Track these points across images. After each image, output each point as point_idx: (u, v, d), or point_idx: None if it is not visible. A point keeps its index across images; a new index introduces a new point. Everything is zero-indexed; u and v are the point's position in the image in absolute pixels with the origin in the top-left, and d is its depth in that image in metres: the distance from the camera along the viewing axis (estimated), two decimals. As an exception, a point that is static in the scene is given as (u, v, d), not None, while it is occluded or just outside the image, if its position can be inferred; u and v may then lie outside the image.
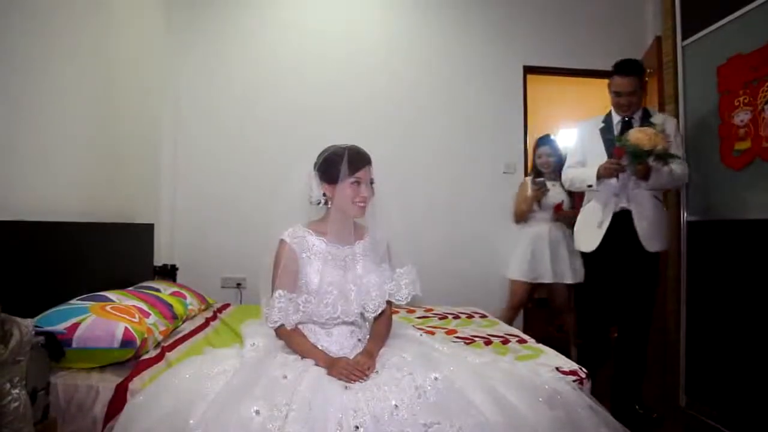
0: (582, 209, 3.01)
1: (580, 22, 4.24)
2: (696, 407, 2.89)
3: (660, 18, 3.46)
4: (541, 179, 3.52)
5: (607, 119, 2.89)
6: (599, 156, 2.79)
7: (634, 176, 2.67)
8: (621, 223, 2.73)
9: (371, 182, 1.81)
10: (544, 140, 3.66)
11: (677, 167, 2.65)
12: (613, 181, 2.73)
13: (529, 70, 4.21)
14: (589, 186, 2.80)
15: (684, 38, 3.08)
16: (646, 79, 2.95)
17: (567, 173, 2.99)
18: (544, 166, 3.59)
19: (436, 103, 4.10)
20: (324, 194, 1.81)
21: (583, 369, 1.90)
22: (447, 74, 4.13)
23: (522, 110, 4.17)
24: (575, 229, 3.02)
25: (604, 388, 2.76)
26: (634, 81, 2.74)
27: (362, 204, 1.79)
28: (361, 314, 1.84)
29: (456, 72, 4.13)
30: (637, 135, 2.51)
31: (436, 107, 4.10)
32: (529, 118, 4.27)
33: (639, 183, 2.69)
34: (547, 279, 3.51)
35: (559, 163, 3.42)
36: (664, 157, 2.54)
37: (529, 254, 3.56)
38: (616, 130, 2.81)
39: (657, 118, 2.76)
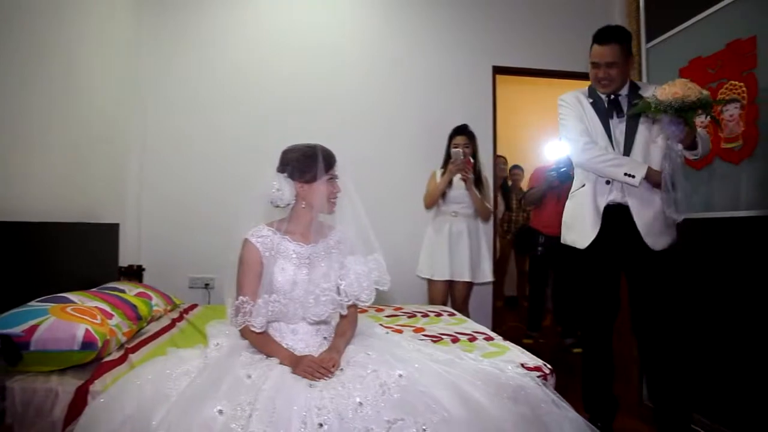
0: (570, 196, 2.58)
1: (549, 24, 4.29)
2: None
3: (626, 20, 3.54)
4: (458, 149, 3.39)
5: (594, 94, 2.46)
6: (600, 135, 2.39)
7: (680, 146, 2.12)
8: (618, 217, 2.34)
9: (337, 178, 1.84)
10: (461, 129, 3.54)
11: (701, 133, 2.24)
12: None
13: (498, 70, 4.25)
14: (630, 176, 2.25)
15: (648, 40, 3.14)
16: (634, 52, 2.51)
17: (588, 153, 2.37)
18: (456, 155, 3.41)
19: (405, 102, 4.11)
20: (296, 195, 1.81)
21: (547, 365, 1.93)
22: (416, 73, 4.14)
23: (491, 110, 4.21)
24: (563, 221, 2.58)
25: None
26: (613, 50, 2.33)
27: (335, 200, 1.83)
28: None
29: (425, 71, 4.15)
30: (674, 89, 2.02)
31: (405, 107, 4.11)
32: (503, 120, 4.33)
33: (681, 154, 2.16)
34: (445, 276, 3.45)
35: (473, 154, 3.47)
36: (711, 105, 2.07)
37: (430, 250, 3.53)
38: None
39: (647, 90, 2.30)
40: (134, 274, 3.50)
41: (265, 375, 1.53)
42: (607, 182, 2.36)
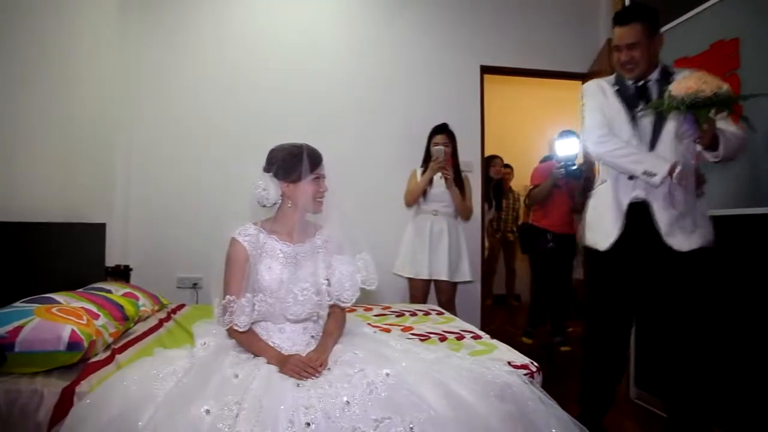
0: (592, 194, 2.42)
1: (537, 24, 4.33)
2: (644, 398, 3.00)
3: (610, 23, 3.56)
4: (439, 147, 3.40)
5: (620, 80, 2.27)
6: (624, 126, 2.19)
7: (699, 145, 1.99)
8: (642, 216, 2.16)
9: (325, 178, 1.84)
10: (440, 128, 3.55)
11: (732, 130, 2.05)
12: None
13: (486, 69, 4.27)
14: (651, 175, 2.07)
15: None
16: (660, 31, 2.27)
17: (603, 146, 2.19)
18: (438, 153, 3.42)
19: (392, 101, 4.12)
20: (282, 194, 1.81)
21: (534, 363, 1.95)
22: (404, 73, 4.16)
23: (479, 109, 4.23)
24: (586, 221, 2.41)
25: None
26: (634, 29, 2.14)
27: (322, 199, 1.83)
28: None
29: (413, 71, 4.17)
30: (688, 83, 1.88)
31: (392, 106, 4.12)
32: (494, 119, 4.35)
33: (702, 156, 2.04)
34: (424, 275, 3.46)
35: (453, 153, 3.47)
36: (731, 102, 1.93)
37: (410, 249, 3.53)
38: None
39: (682, 75, 2.02)
40: (121, 274, 3.47)
41: (252, 374, 1.53)
42: (630, 177, 2.17)
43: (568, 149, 4.06)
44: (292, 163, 1.78)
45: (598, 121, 2.23)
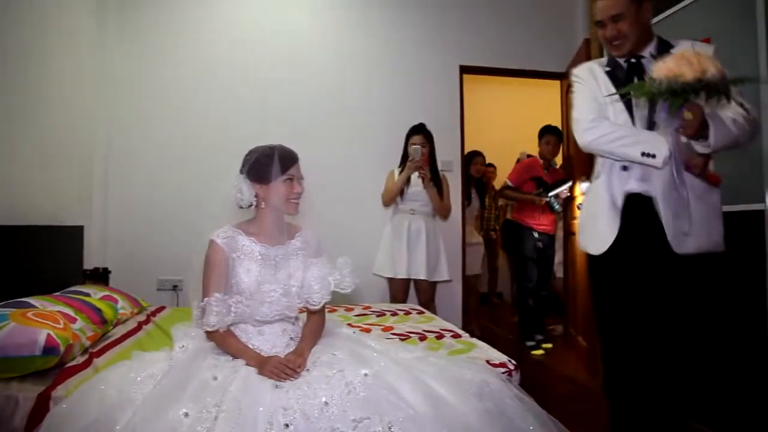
0: (586, 191, 2.16)
1: (516, 24, 4.38)
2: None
3: (588, 22, 3.61)
4: (416, 146, 3.41)
5: (613, 63, 1.98)
6: (619, 113, 1.90)
7: (683, 136, 1.73)
8: (640, 211, 1.86)
9: (301, 179, 1.84)
10: (418, 128, 3.53)
11: (737, 112, 1.76)
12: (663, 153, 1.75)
13: (465, 69, 4.30)
14: (650, 156, 1.76)
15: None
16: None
17: (592, 132, 1.89)
18: (415, 152, 3.42)
19: (371, 101, 4.14)
20: (256, 196, 1.80)
21: (512, 361, 1.97)
22: (384, 74, 4.17)
23: (459, 109, 4.26)
24: (579, 222, 2.15)
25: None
26: (620, 0, 1.86)
27: (296, 201, 1.82)
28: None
29: (393, 72, 4.18)
30: (668, 65, 1.63)
31: (371, 106, 4.13)
32: (475, 118, 4.37)
33: (692, 146, 1.75)
34: (403, 275, 3.47)
35: (431, 153, 3.48)
36: (724, 88, 1.62)
37: (388, 249, 3.55)
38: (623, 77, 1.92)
39: (681, 47, 1.82)
40: (100, 276, 3.44)
41: (231, 376, 1.53)
42: (624, 167, 1.88)
43: (558, 188, 4.03)
44: (264, 164, 1.78)
45: (587, 109, 1.94)
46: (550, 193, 4.03)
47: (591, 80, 1.99)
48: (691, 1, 2.64)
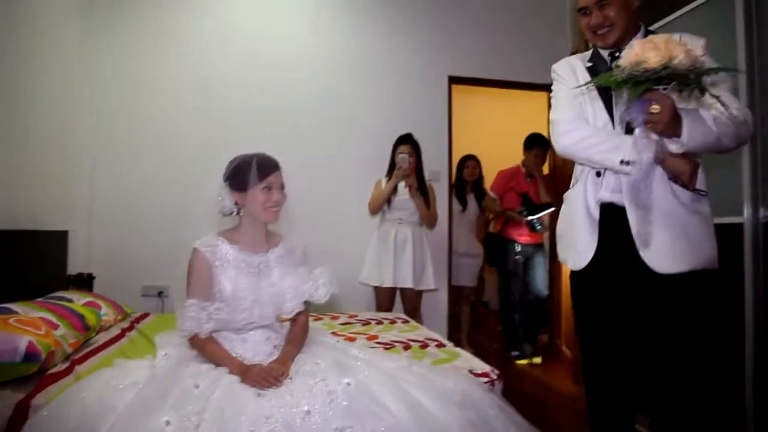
0: (564, 199, 1.91)
1: (504, 35, 4.42)
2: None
3: (576, 35, 3.65)
4: (405, 155, 3.43)
5: (596, 56, 1.80)
6: (599, 112, 1.73)
7: (653, 133, 1.52)
8: (614, 222, 1.68)
9: (283, 187, 1.83)
10: (405, 138, 3.56)
11: (730, 105, 1.56)
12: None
13: (454, 80, 4.33)
14: (625, 163, 1.58)
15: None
16: None
17: (567, 137, 1.74)
18: (402, 161, 3.44)
19: (360, 110, 4.15)
20: (236, 203, 1.81)
21: (495, 370, 1.99)
22: (373, 84, 4.19)
23: (447, 119, 4.29)
24: (557, 231, 1.95)
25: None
26: None
27: (275, 209, 1.81)
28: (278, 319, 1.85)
29: (382, 80, 4.20)
30: (635, 50, 1.46)
31: (360, 115, 4.14)
32: (462, 129, 4.39)
33: (665, 145, 1.53)
34: (389, 283, 3.49)
35: (417, 162, 3.48)
36: (695, 78, 1.43)
37: (375, 257, 3.57)
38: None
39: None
40: (84, 282, 3.41)
41: (214, 384, 1.52)
42: (598, 174, 1.72)
43: (542, 212, 4.05)
44: (242, 171, 1.78)
45: (565, 109, 1.78)
46: (532, 217, 4.05)
47: (571, 77, 1.80)
48: (669, 21, 2.65)
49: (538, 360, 4.18)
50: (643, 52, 1.44)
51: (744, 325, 2.24)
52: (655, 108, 1.46)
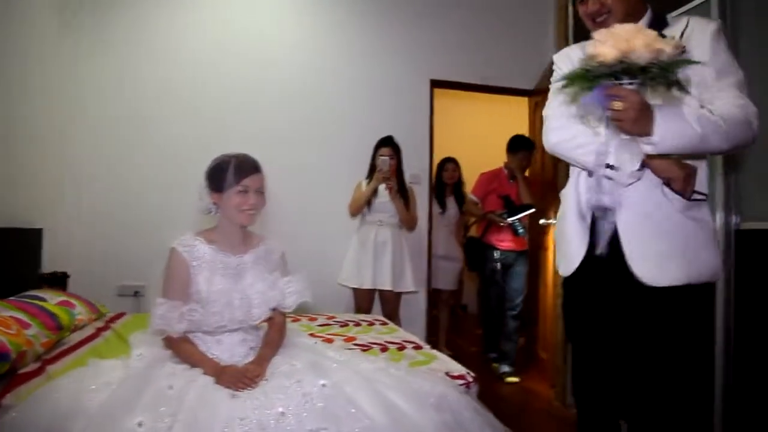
0: (561, 196, 1.79)
1: (487, 41, 4.44)
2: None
3: (559, 39, 3.71)
4: (385, 158, 3.46)
5: None
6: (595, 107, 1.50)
7: (621, 132, 1.40)
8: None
9: (262, 191, 1.81)
10: (386, 141, 3.59)
11: (726, 104, 1.42)
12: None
13: (436, 84, 4.35)
14: (610, 167, 1.45)
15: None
16: None
17: (554, 134, 1.65)
18: (383, 164, 3.47)
19: (342, 113, 4.14)
20: (214, 203, 1.80)
21: (471, 373, 2.00)
22: (355, 86, 4.18)
23: (428, 123, 4.30)
24: (554, 235, 1.87)
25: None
26: None
27: (251, 212, 1.79)
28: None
29: (364, 82, 4.20)
30: (599, 39, 1.35)
31: (342, 117, 4.13)
32: (441, 133, 4.41)
33: (639, 145, 1.40)
34: (368, 285, 3.50)
35: (398, 165, 3.48)
36: (659, 72, 1.30)
37: (354, 259, 3.58)
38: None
39: (678, 25, 1.55)
40: (57, 281, 3.35)
41: (188, 386, 1.51)
42: (590, 173, 1.58)
43: (522, 212, 4.00)
44: (218, 172, 1.77)
45: (558, 104, 1.66)
46: (512, 218, 3.98)
47: (568, 68, 1.59)
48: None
49: (514, 379, 3.95)
50: (600, 44, 1.34)
51: (714, 333, 2.24)
52: (618, 105, 1.34)
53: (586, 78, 1.36)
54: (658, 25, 1.55)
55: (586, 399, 1.76)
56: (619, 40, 1.30)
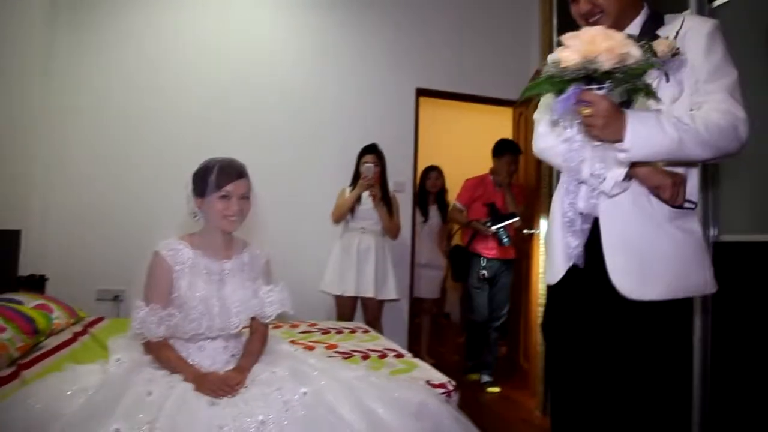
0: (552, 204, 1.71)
1: (472, 51, 4.49)
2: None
3: (544, 50, 3.74)
4: (370, 165, 3.48)
5: None
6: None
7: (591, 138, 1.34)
8: (593, 238, 1.49)
9: (246, 197, 1.79)
10: (370, 148, 3.60)
11: (711, 110, 1.36)
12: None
13: (421, 92, 4.38)
14: (595, 176, 1.40)
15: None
16: None
17: (542, 140, 1.61)
18: (367, 171, 3.49)
19: (328, 120, 4.14)
20: (198, 207, 1.79)
21: (452, 382, 2.00)
22: (341, 93, 4.19)
23: (413, 131, 4.33)
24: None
25: None
26: None
27: (232, 218, 1.76)
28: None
29: (349, 89, 4.21)
30: (565, 43, 1.29)
31: (328, 124, 4.14)
32: (425, 141, 4.43)
33: (614, 153, 1.33)
34: (350, 292, 3.50)
35: (382, 173, 3.50)
36: (628, 77, 1.25)
37: (337, 266, 3.57)
38: None
39: (673, 24, 1.49)
40: (35, 284, 3.29)
41: (167, 392, 1.49)
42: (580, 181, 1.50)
43: (506, 221, 3.96)
44: (201, 177, 1.75)
45: (546, 109, 1.59)
46: (496, 227, 3.94)
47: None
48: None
49: (495, 389, 3.94)
50: (564, 48, 1.27)
51: (692, 346, 2.25)
52: (587, 111, 1.28)
53: (551, 84, 1.30)
54: (654, 24, 1.52)
55: (562, 414, 1.68)
56: (582, 44, 1.24)
